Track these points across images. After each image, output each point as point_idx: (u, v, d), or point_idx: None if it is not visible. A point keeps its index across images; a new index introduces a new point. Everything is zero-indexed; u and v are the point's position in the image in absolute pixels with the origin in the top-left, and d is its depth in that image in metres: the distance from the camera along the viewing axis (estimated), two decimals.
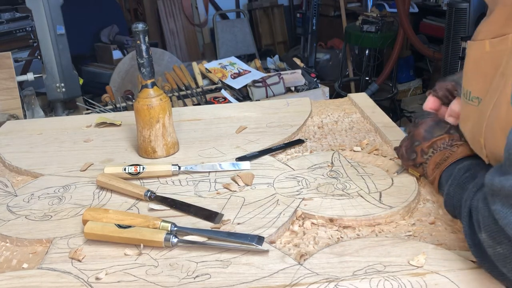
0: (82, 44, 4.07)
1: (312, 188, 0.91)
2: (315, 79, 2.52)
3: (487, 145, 0.70)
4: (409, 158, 0.89)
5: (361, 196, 0.87)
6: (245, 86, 2.42)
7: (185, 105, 2.28)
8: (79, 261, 0.74)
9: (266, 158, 1.06)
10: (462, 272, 0.67)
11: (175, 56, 3.38)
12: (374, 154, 1.05)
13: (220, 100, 2.30)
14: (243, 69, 2.58)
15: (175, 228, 0.79)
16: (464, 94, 0.77)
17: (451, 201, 0.76)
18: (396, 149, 0.95)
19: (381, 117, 1.24)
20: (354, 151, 1.07)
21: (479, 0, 3.00)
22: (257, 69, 2.60)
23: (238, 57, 2.98)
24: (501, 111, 0.65)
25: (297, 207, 0.85)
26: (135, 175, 0.99)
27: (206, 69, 2.58)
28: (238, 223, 0.81)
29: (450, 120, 0.88)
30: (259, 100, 2.30)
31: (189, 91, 2.40)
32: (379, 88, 3.97)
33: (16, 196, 0.96)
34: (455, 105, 0.88)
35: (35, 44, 2.90)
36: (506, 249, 0.58)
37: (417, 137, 0.87)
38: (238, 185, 0.95)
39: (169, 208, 0.88)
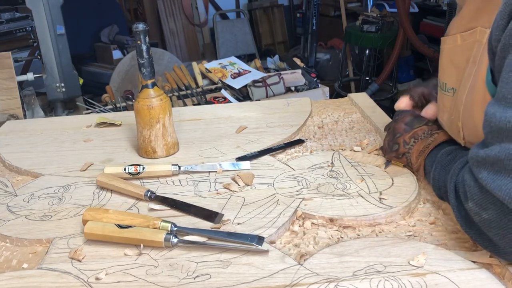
0: (82, 44, 4.08)
1: (312, 188, 0.91)
2: (315, 79, 2.51)
3: (464, 127, 0.77)
4: (391, 149, 0.94)
5: (361, 196, 0.87)
6: (245, 86, 2.42)
7: (185, 105, 2.28)
8: (79, 261, 0.74)
9: (266, 158, 1.06)
10: (462, 272, 0.67)
11: (175, 56, 3.38)
12: (374, 154, 1.05)
13: (220, 100, 2.30)
14: (243, 69, 2.58)
15: (175, 228, 0.79)
16: (440, 86, 0.84)
17: (437, 184, 0.81)
18: (381, 148, 1.02)
19: (381, 117, 1.24)
20: (354, 151, 1.07)
21: None
22: (257, 69, 2.60)
23: (238, 57, 2.98)
24: (477, 93, 0.71)
25: (297, 207, 0.85)
26: (135, 175, 0.99)
27: (206, 69, 2.57)
28: (238, 223, 0.81)
29: None
30: (259, 100, 2.30)
31: (189, 91, 2.40)
32: (379, 88, 3.97)
33: (16, 196, 0.96)
34: (430, 108, 0.94)
35: (35, 44, 2.89)
36: (491, 215, 0.62)
37: (398, 130, 0.93)
38: (238, 185, 0.94)
39: (169, 208, 0.88)
